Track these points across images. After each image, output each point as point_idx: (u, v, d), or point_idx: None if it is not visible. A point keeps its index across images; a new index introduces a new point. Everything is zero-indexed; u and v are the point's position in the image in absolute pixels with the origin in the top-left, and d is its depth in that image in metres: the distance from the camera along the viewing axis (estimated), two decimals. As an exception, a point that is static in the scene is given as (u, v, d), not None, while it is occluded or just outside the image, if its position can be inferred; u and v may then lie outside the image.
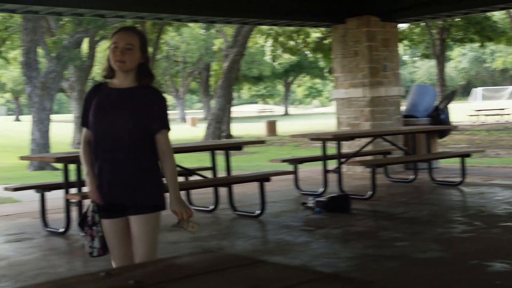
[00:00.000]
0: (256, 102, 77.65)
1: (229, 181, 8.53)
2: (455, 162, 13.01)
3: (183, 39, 44.90)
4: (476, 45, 37.79)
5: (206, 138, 26.40)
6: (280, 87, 64.99)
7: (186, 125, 46.08)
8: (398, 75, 12.81)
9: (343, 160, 10.12)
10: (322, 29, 27.54)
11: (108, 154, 3.89)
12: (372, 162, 9.71)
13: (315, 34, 31.67)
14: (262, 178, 8.34)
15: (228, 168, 8.90)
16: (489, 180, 11.32)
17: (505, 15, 31.50)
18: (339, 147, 9.82)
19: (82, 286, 1.99)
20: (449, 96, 13.69)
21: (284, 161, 10.41)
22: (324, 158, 10.03)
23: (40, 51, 19.97)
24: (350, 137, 10.05)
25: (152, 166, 4.00)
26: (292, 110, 71.49)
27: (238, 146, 8.82)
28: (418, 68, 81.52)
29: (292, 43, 31.99)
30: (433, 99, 13.39)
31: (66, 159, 7.42)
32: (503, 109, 37.69)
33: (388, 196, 9.86)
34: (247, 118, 56.94)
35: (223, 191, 9.03)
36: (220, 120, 27.37)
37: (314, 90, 72.57)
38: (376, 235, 7.27)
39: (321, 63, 39.91)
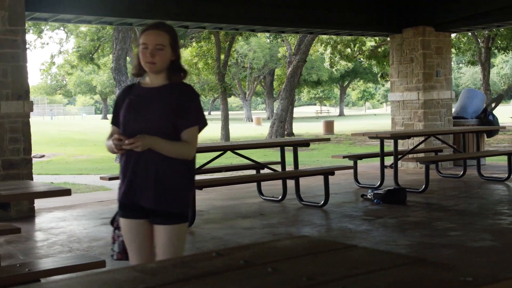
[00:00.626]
0: (314, 104, 77.48)
1: (297, 175, 8.52)
2: (500, 160, 12.77)
3: (251, 48, 45.01)
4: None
5: (270, 136, 26.42)
6: (336, 90, 64.68)
7: (252, 124, 46.22)
8: (449, 80, 12.61)
9: (399, 156, 10.01)
10: (376, 38, 27.34)
11: (133, 154, 3.28)
12: (426, 159, 9.57)
13: (370, 42, 31.43)
14: (327, 172, 8.31)
15: (295, 163, 8.90)
16: (533, 176, 11.05)
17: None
18: (395, 144, 9.71)
19: (199, 264, 2.03)
20: (497, 99, 13.42)
21: (345, 157, 10.36)
22: (382, 154, 9.93)
23: (128, 58, 20.30)
24: (406, 136, 9.93)
25: (181, 171, 3.36)
26: (346, 111, 71.08)
27: (306, 143, 8.77)
28: (463, 73, 79.86)
29: (348, 50, 31.83)
30: (481, 102, 13.13)
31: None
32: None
33: (440, 190, 9.70)
34: (307, 118, 56.79)
35: (289, 183, 9.06)
36: (283, 120, 27.36)
37: (367, 93, 71.97)
38: (431, 225, 7.17)
39: (375, 69, 39.57)
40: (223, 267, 1.98)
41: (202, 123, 3.40)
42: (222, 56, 28.34)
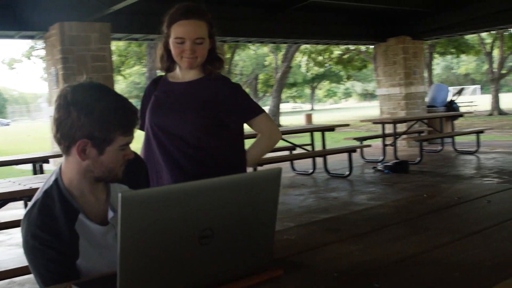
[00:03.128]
0: (288, 102, 77.55)
1: (326, 153, 8.71)
2: (464, 138, 13.03)
3: (241, 58, 45.03)
4: (448, 56, 37.48)
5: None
6: (307, 90, 64.92)
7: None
8: (423, 77, 12.88)
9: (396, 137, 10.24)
10: (342, 47, 27.67)
11: (168, 162, 2.28)
12: (420, 138, 9.83)
13: (337, 51, 31.54)
14: (350, 150, 8.52)
15: (323, 143, 9.10)
16: (493, 149, 11.35)
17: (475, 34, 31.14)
18: (394, 128, 9.94)
19: (422, 204, 2.22)
20: (459, 92, 13.75)
21: (354, 138, 10.53)
22: (383, 135, 10.18)
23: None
24: (404, 120, 10.17)
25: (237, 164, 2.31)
26: (315, 106, 71.13)
27: (331, 128, 8.97)
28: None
29: (320, 58, 32.01)
30: (447, 94, 13.42)
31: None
32: (471, 102, 37.64)
33: (429, 161, 9.94)
34: (284, 113, 56.85)
35: (317, 159, 9.26)
36: (275, 114, 27.64)
37: (331, 91, 72.33)
38: (439, 186, 7.40)
39: (341, 73, 39.87)
40: (447, 203, 2.19)
41: (264, 111, 2.40)
42: (227, 66, 28.43)
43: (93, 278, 1.45)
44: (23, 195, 3.60)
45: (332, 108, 68.60)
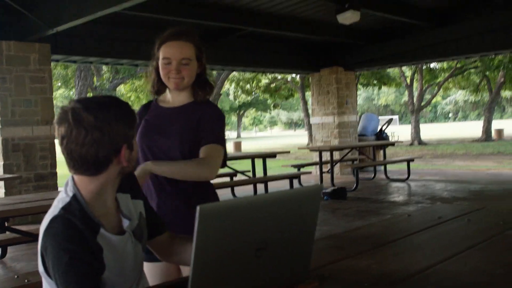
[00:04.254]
0: (214, 129, 77.80)
1: (268, 179, 8.84)
2: (394, 167, 13.63)
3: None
4: (370, 88, 39.17)
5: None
6: (233, 118, 65.54)
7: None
8: (355, 106, 13.42)
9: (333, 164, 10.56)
10: (270, 76, 28.31)
11: (155, 186, 2.29)
12: (356, 166, 10.21)
13: (264, 80, 32.13)
14: (293, 177, 8.72)
15: (265, 170, 9.24)
16: (422, 177, 11.95)
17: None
18: (331, 155, 10.27)
19: (400, 224, 2.37)
20: (388, 122, 14.41)
21: (293, 166, 10.76)
22: (320, 163, 10.47)
23: (90, 93, 19.91)
24: (340, 148, 10.53)
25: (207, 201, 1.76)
26: (241, 134, 71.81)
27: (273, 155, 9.15)
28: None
29: (248, 86, 32.50)
30: (377, 124, 14.01)
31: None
32: (393, 132, 39.35)
33: (364, 188, 10.30)
34: (211, 140, 56.79)
35: (258, 186, 9.38)
36: (204, 141, 27.58)
37: (257, 119, 73.41)
38: (379, 212, 7.68)
39: (269, 101, 40.56)
40: (430, 222, 2.36)
41: (223, 146, 2.29)
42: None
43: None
44: None
45: (258, 136, 69.54)
